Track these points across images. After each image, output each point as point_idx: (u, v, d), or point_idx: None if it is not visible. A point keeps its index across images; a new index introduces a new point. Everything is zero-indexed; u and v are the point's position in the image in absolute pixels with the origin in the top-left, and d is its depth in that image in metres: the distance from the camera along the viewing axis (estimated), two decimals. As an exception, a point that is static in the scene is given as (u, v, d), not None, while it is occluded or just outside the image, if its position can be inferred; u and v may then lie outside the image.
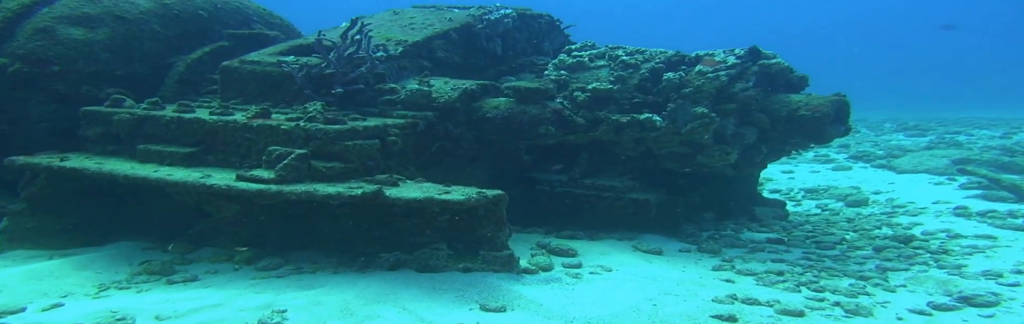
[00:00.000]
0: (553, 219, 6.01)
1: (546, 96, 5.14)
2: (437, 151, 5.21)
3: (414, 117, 5.02)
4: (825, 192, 9.06)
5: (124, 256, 4.77)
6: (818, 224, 6.88)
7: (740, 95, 5.31)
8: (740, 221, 6.80)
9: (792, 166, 11.65)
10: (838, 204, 8.30)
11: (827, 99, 5.36)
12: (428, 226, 4.29)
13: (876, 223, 6.95)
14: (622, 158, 6.00)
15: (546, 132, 5.08)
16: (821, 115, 5.24)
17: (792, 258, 5.36)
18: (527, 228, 5.88)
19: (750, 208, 7.00)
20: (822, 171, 11.15)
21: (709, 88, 5.35)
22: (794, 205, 8.37)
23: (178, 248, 4.86)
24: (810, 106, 5.33)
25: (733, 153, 5.41)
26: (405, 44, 5.71)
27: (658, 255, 5.25)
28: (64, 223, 4.97)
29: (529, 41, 7.06)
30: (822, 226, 6.75)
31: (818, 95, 5.49)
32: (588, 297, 4.04)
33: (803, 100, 5.41)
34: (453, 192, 4.03)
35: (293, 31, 7.38)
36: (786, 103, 5.44)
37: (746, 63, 5.45)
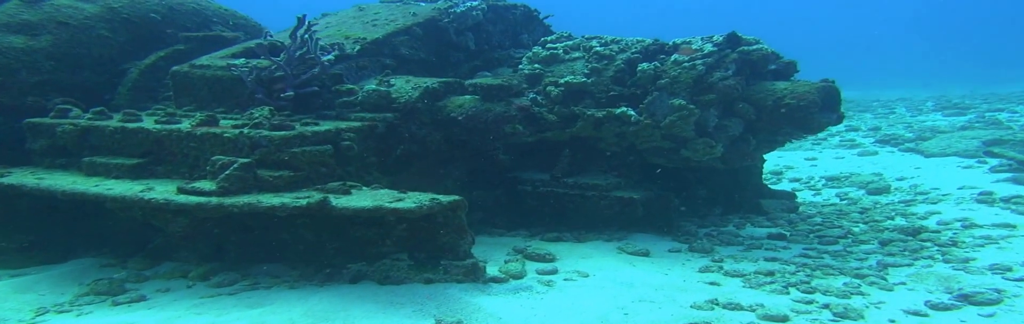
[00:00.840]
0: (539, 220, 5.88)
1: (510, 93, 4.98)
2: (403, 155, 5.06)
3: (372, 119, 4.87)
4: (846, 180, 8.86)
5: (78, 275, 4.65)
6: (829, 216, 6.69)
7: (719, 85, 5.13)
8: (746, 215, 6.65)
9: (816, 152, 11.40)
10: (859, 192, 8.13)
11: (813, 86, 5.17)
12: (388, 236, 4.15)
13: (890, 213, 6.77)
14: (607, 154, 5.83)
15: (513, 131, 4.93)
16: (807, 103, 5.06)
17: (788, 256, 5.19)
18: (512, 231, 5.75)
19: (756, 201, 6.84)
20: (847, 157, 10.87)
21: (686, 78, 5.17)
22: (813, 194, 8.20)
23: (136, 264, 4.75)
24: (796, 94, 5.14)
25: (718, 146, 5.24)
26: (364, 42, 5.56)
27: (644, 257, 5.09)
28: (19, 241, 4.86)
29: (505, 33, 6.89)
30: (832, 218, 6.57)
31: (805, 82, 5.31)
32: (555, 307, 3.89)
33: (788, 88, 5.23)
34: (407, 199, 3.88)
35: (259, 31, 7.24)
36: (771, 91, 5.26)
37: (724, 50, 5.26)
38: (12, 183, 4.49)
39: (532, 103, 5.50)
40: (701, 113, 5.16)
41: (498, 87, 4.90)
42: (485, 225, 5.84)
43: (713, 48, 5.24)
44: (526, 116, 5.03)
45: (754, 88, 5.35)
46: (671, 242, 5.55)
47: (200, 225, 4.25)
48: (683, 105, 5.11)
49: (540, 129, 5.50)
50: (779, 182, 9.25)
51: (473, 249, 5.06)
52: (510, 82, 4.96)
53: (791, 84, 5.27)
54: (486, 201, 5.84)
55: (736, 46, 5.33)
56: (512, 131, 4.93)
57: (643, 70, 5.32)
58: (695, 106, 5.12)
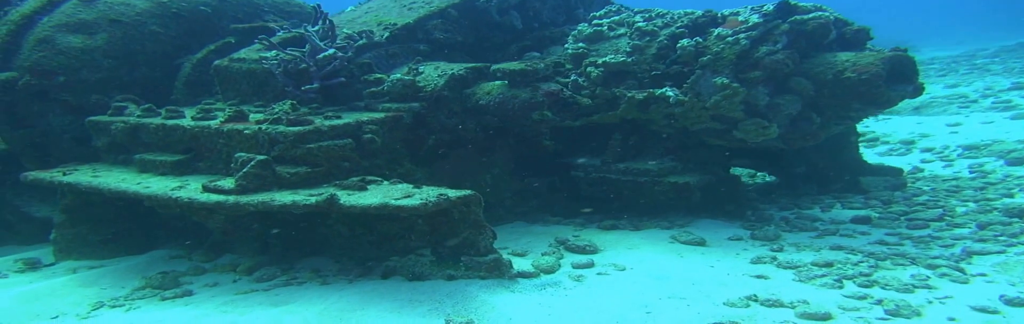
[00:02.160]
0: (597, 207, 5.69)
1: (536, 77, 4.74)
2: (435, 145, 4.94)
3: (397, 110, 4.76)
4: (986, 148, 8.10)
5: (145, 267, 4.85)
6: (937, 194, 6.16)
7: (766, 60, 4.71)
8: (841, 194, 6.25)
9: (961, 117, 10.47)
10: (998, 163, 7.44)
11: (879, 56, 4.67)
12: (411, 230, 4.08)
13: (1014, 189, 6.13)
14: (663, 136, 5.53)
15: (541, 118, 4.70)
16: (870, 76, 4.57)
17: (863, 243, 4.77)
18: (568, 219, 5.58)
19: (855, 179, 6.40)
20: (997, 121, 9.83)
21: (728, 55, 4.77)
22: (944, 166, 7.62)
23: (199, 256, 4.90)
24: (858, 66, 4.66)
25: (771, 126, 4.84)
26: (393, 28, 5.42)
27: (698, 246, 4.80)
28: (103, 233, 5.11)
29: (558, 9, 6.59)
30: (940, 196, 6.05)
31: (871, 52, 4.81)
32: (574, 306, 3.70)
33: (851, 59, 4.74)
34: (417, 195, 3.77)
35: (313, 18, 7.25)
36: (831, 64, 4.78)
37: (772, 21, 4.81)
38: (69, 181, 4.68)
39: (571, 86, 5.26)
40: (748, 91, 4.76)
41: (520, 72, 4.67)
42: (542, 213, 5.70)
43: (759, 19, 4.81)
44: (556, 101, 4.80)
45: (813, 61, 4.89)
46: (737, 228, 5.23)
47: (238, 221, 4.30)
48: (726, 84, 4.73)
49: (578, 114, 5.26)
50: (909, 152, 8.63)
51: (520, 240, 4.98)
52: (535, 66, 4.71)
53: (855, 55, 4.77)
54: (540, 188, 5.69)
55: (788, 15, 4.87)
56: (540, 118, 4.71)
57: (683, 47, 4.95)
58: (739, 84, 4.73)
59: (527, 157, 5.52)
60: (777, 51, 4.74)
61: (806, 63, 4.88)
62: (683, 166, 5.39)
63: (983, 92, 12.90)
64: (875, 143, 9.58)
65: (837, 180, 6.46)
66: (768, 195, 6.48)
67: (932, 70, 19.10)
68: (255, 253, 4.68)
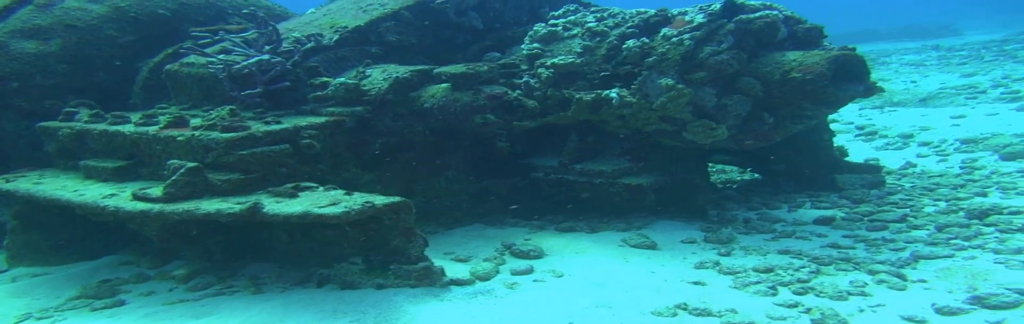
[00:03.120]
0: (554, 209, 5.72)
1: (479, 80, 4.75)
2: (383, 148, 4.97)
3: (341, 114, 4.80)
4: (983, 142, 8.03)
5: (88, 275, 4.85)
6: (913, 192, 6.12)
7: (710, 60, 4.68)
8: (816, 193, 6.25)
9: (967, 109, 10.38)
10: (992, 157, 7.38)
11: (825, 55, 4.62)
12: (344, 238, 4.12)
13: (991, 186, 6.09)
14: (621, 137, 5.54)
15: (484, 121, 4.72)
16: (815, 76, 4.54)
17: (816, 245, 4.74)
18: (527, 220, 5.59)
19: (830, 176, 6.40)
20: (1003, 113, 9.74)
21: (673, 55, 4.75)
22: (938, 161, 7.57)
23: (147, 263, 4.95)
24: (803, 66, 4.62)
25: (720, 128, 4.82)
26: (343, 31, 5.44)
27: (648, 250, 4.78)
28: (54, 239, 5.16)
29: (521, 9, 6.58)
30: (915, 195, 6.01)
31: (819, 51, 4.76)
32: (500, 316, 3.69)
33: (798, 59, 4.70)
34: (342, 203, 3.80)
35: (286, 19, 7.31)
36: (779, 64, 4.75)
37: (717, 21, 4.78)
38: (9, 189, 4.77)
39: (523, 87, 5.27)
40: (694, 92, 4.75)
41: (462, 75, 4.68)
42: (503, 214, 5.73)
43: (703, 19, 4.78)
44: (500, 104, 4.81)
45: (761, 61, 4.85)
46: (694, 230, 5.21)
47: (175, 228, 4.36)
48: (671, 85, 4.71)
49: (533, 115, 5.27)
50: (906, 146, 8.58)
51: (469, 244, 4.99)
52: (477, 69, 4.72)
53: (802, 55, 4.74)
54: (501, 189, 5.71)
55: (735, 15, 4.83)
56: (483, 121, 4.72)
57: (628, 48, 4.93)
58: (685, 85, 4.72)
59: (486, 159, 5.54)
60: (722, 51, 4.71)
61: (755, 63, 4.85)
62: (640, 167, 5.38)
63: (999, 81, 12.77)
64: (873, 137, 9.51)
65: (814, 178, 6.46)
66: (748, 193, 6.48)
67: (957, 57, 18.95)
68: (201, 259, 4.74)
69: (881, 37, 31.02)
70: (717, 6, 4.85)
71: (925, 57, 19.64)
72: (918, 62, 18.45)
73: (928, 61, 18.55)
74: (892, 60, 19.83)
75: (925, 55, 20.31)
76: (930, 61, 18.52)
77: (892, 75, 16.48)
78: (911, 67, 17.84)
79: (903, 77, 15.74)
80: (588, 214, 5.60)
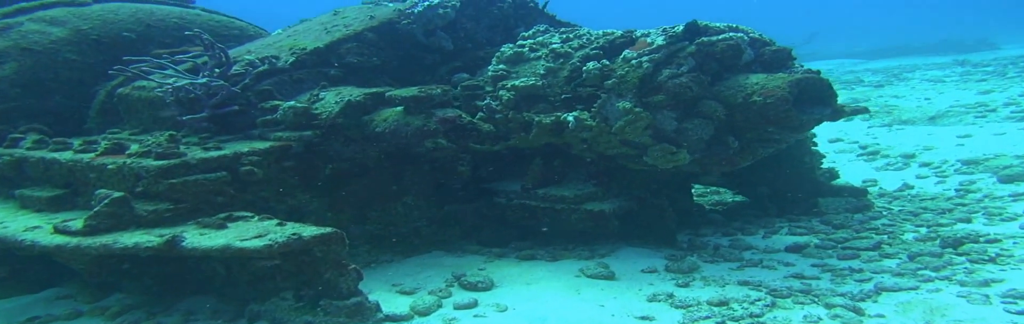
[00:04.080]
0: (522, 235, 5.57)
1: (431, 103, 4.64)
2: (334, 174, 4.87)
3: (289, 139, 4.71)
4: (985, 163, 7.81)
5: (20, 311, 4.70)
6: (896, 217, 5.93)
7: (668, 83, 4.54)
8: (796, 217, 6.10)
9: (976, 128, 10.18)
10: (991, 180, 7.17)
11: (787, 79, 4.47)
12: (277, 271, 3.99)
13: (978, 211, 5.89)
14: (587, 161, 5.41)
15: (435, 146, 4.60)
16: (776, 100, 4.38)
17: (779, 276, 4.56)
18: (488, 248, 5.43)
19: (813, 200, 6.26)
20: (1010, 133, 9.52)
21: (632, 78, 4.62)
22: (936, 183, 7.38)
23: (85, 296, 4.83)
24: (765, 90, 4.47)
25: (680, 152, 4.66)
26: (301, 53, 5.37)
27: (604, 280, 4.60)
28: None
29: (494, 29, 6.48)
30: (898, 220, 5.83)
31: (783, 74, 4.60)
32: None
33: (760, 82, 4.55)
34: (269, 234, 3.67)
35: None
36: (742, 87, 4.60)
37: (678, 43, 4.65)
38: (-68, 220, 4.67)
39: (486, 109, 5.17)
40: (653, 116, 4.61)
41: (413, 98, 4.57)
42: (467, 240, 5.59)
43: (663, 41, 4.65)
44: (453, 128, 4.69)
45: (724, 84, 4.71)
46: (659, 258, 5.04)
47: (104, 262, 4.25)
48: (629, 108, 4.57)
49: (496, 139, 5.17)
50: (906, 167, 8.41)
51: (420, 274, 4.85)
52: (429, 92, 4.61)
53: (765, 78, 4.58)
54: (465, 215, 5.58)
55: (696, 37, 4.70)
56: (434, 146, 4.60)
57: (588, 70, 4.81)
58: (643, 109, 4.58)
59: (447, 183, 5.41)
60: (681, 74, 4.57)
61: (718, 86, 4.70)
62: (605, 192, 5.24)
63: (1013, 99, 12.54)
64: (875, 157, 9.34)
65: (796, 202, 6.30)
66: (734, 216, 6.33)
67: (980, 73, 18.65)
68: (139, 293, 4.63)
69: (913, 52, 30.54)
70: (679, 28, 4.73)
71: (948, 73, 19.32)
72: (939, 78, 18.14)
73: (949, 77, 18.24)
74: (914, 76, 19.52)
75: (949, 71, 19.98)
76: (952, 77, 18.21)
77: (908, 92, 16.23)
78: (930, 83, 17.57)
79: (918, 93, 15.49)
80: (556, 240, 5.45)
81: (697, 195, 7.64)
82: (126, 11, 6.36)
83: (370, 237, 5.07)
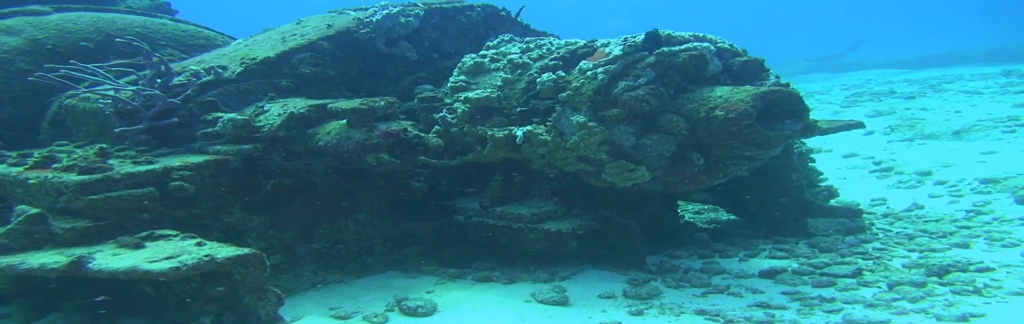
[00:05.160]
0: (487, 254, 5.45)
1: (374, 116, 4.55)
2: (276, 190, 4.80)
3: (226, 153, 4.65)
4: (1004, 182, 7.55)
5: None
6: (890, 240, 5.72)
7: (624, 96, 4.42)
8: (785, 239, 5.94)
9: (1003, 144, 9.91)
10: (1007, 200, 6.92)
11: (752, 92, 4.33)
12: (200, 294, 3.91)
13: (980, 235, 5.65)
14: (551, 177, 5.30)
15: (377, 161, 4.51)
16: (738, 114, 4.24)
17: (742, 305, 4.39)
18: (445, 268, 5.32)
19: (801, 221, 6.07)
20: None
21: (586, 90, 4.51)
22: (949, 202, 7.15)
23: (21, 316, 4.81)
24: (728, 103, 4.34)
25: (639, 169, 4.53)
26: (251, 63, 5.33)
27: (555, 307, 4.44)
28: None
29: (463, 38, 6.41)
30: (891, 243, 5.62)
31: (749, 87, 4.47)
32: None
33: (724, 95, 4.42)
34: (182, 255, 3.60)
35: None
36: (705, 101, 4.46)
37: (636, 54, 4.53)
38: None
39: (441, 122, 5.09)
40: (609, 131, 4.49)
41: (354, 111, 4.48)
42: (427, 260, 5.48)
43: (620, 51, 4.54)
44: (397, 142, 4.60)
45: (687, 97, 4.58)
46: (621, 283, 4.88)
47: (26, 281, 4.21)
48: (582, 123, 4.46)
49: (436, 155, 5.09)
50: (920, 185, 8.19)
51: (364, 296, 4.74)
52: (372, 104, 4.52)
53: (730, 91, 4.44)
54: (424, 233, 5.49)
55: (657, 47, 4.59)
56: (376, 161, 4.51)
57: (542, 82, 4.72)
58: (597, 124, 4.46)
59: (404, 200, 5.33)
60: (638, 86, 4.45)
61: (681, 99, 4.58)
62: (567, 211, 5.12)
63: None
64: (888, 174, 9.12)
65: (784, 222, 6.13)
66: (721, 236, 6.17)
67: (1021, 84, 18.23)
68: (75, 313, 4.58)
69: (963, 61, 29.52)
70: (640, 38, 4.61)
71: (989, 84, 18.85)
72: (976, 90, 17.74)
73: (988, 89, 17.79)
74: (952, 87, 19.04)
75: (990, 82, 19.53)
76: (991, 89, 17.76)
77: (939, 104, 15.88)
78: (965, 95, 17.18)
79: (950, 106, 15.14)
80: (520, 261, 5.33)
81: (694, 212, 7.50)
82: (86, 20, 6.39)
83: (317, 256, 4.98)
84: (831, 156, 10.98)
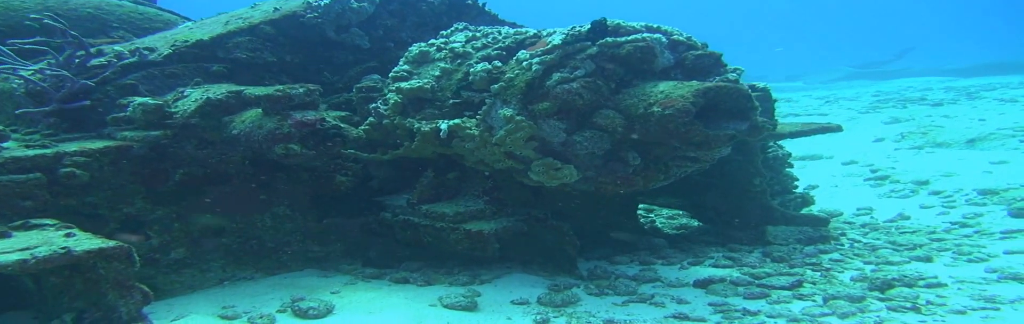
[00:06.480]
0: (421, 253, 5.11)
1: (289, 104, 4.21)
2: (186, 180, 4.49)
3: (132, 139, 4.34)
4: (1002, 194, 7.17)
5: None
6: (849, 252, 5.34)
7: (556, 90, 4.03)
8: (740, 246, 5.57)
9: (1018, 154, 9.44)
10: (1000, 213, 6.52)
11: (695, 87, 3.92)
12: (67, 289, 3.60)
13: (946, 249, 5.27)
14: (486, 174, 4.93)
15: (286, 152, 4.16)
16: (675, 111, 3.83)
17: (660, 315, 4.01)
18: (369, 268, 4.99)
19: (761, 228, 5.70)
20: None
21: (519, 82, 4.13)
22: (939, 214, 6.77)
23: None
24: (668, 99, 3.93)
25: (566, 168, 4.14)
26: (181, 46, 5.01)
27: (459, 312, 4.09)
28: None
29: (422, 27, 6.05)
30: (850, 255, 5.24)
31: (695, 83, 4.05)
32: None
33: (666, 91, 4.01)
34: (39, 247, 3.29)
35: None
36: (645, 96, 4.06)
37: (576, 43, 4.13)
38: None
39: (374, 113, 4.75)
40: (538, 126, 4.10)
41: (267, 98, 4.15)
42: (353, 258, 5.15)
43: (560, 41, 4.14)
44: (313, 133, 4.25)
45: (630, 92, 4.17)
46: (543, 288, 4.51)
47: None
48: (510, 116, 4.08)
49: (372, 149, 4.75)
50: (913, 195, 7.82)
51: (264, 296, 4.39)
52: (288, 92, 4.19)
53: (674, 86, 4.04)
54: (351, 230, 5.15)
55: (599, 37, 4.19)
56: (285, 152, 4.17)
57: (475, 72, 4.34)
58: (525, 118, 4.08)
59: (331, 195, 4.99)
60: (573, 79, 4.05)
61: (622, 94, 4.18)
62: (496, 210, 4.75)
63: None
64: (882, 182, 8.70)
65: (744, 229, 5.74)
66: (679, 242, 5.80)
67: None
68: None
69: (1014, 70, 28.12)
70: (585, 27, 4.22)
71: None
72: (1013, 98, 17.00)
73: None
74: (990, 95, 18.29)
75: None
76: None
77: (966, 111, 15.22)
78: (999, 103, 16.47)
79: (976, 114, 14.52)
80: (451, 262, 4.98)
81: (668, 217, 7.11)
82: None
83: (227, 252, 4.66)
84: (830, 163, 10.51)
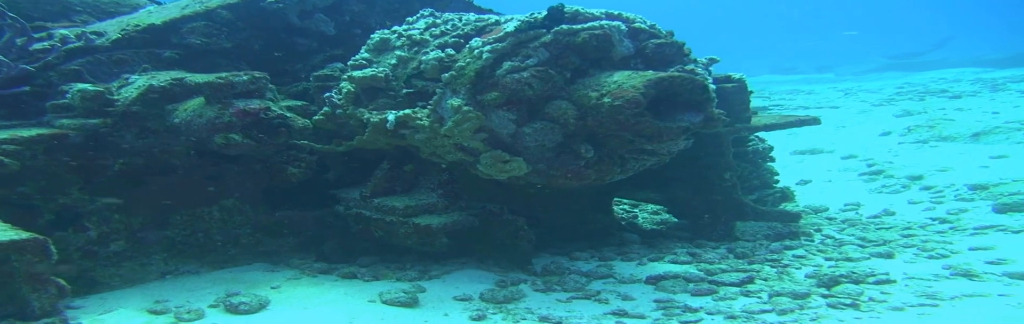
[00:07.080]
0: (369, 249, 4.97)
1: (231, 92, 4.04)
2: (126, 170, 4.34)
3: (69, 127, 4.19)
4: (992, 189, 7.00)
5: None
6: (814, 248, 5.20)
7: (505, 79, 3.84)
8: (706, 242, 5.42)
9: (1020, 148, 9.29)
10: (986, 209, 6.38)
11: (648, 77, 3.72)
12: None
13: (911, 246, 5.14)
14: (442, 167, 4.77)
15: (227, 142, 4.00)
16: (624, 102, 3.64)
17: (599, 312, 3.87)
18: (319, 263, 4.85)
19: (730, 224, 5.53)
20: None
21: (469, 71, 3.94)
22: (925, 209, 6.65)
23: None
24: (620, 89, 3.73)
25: (514, 161, 3.96)
26: (131, 31, 4.84)
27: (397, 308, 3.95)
28: None
29: (395, 13, 5.87)
30: (813, 252, 5.10)
31: (650, 72, 3.85)
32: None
33: (619, 80, 3.82)
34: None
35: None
36: (599, 86, 3.87)
37: (531, 31, 3.93)
38: None
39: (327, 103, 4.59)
40: (488, 116, 3.92)
41: (208, 85, 3.98)
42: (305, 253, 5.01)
43: (513, 28, 3.95)
44: (255, 122, 4.09)
45: (584, 82, 3.98)
46: (491, 284, 4.37)
47: None
48: (457, 107, 3.90)
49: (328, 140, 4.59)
50: (904, 190, 7.66)
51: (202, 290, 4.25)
52: (231, 79, 4.02)
53: (628, 76, 3.84)
54: (304, 223, 5.01)
55: (557, 24, 3.98)
56: (225, 142, 4.01)
57: (427, 61, 4.16)
58: (472, 108, 3.89)
59: (283, 187, 4.84)
60: (524, 68, 3.86)
61: (577, 84, 3.99)
62: (449, 204, 4.59)
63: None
64: (876, 177, 8.50)
65: (713, 224, 5.58)
66: (654, 238, 5.64)
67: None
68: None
69: None
70: (542, 14, 4.02)
71: (1061, 86, 17.74)
72: (1038, 91, 16.66)
73: (1052, 90, 16.73)
74: (1016, 87, 17.82)
75: (1064, 82, 18.38)
76: (1055, 91, 16.71)
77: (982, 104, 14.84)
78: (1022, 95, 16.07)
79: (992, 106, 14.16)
80: (407, 257, 4.83)
81: (651, 212, 6.93)
82: (-6, -20, 5.98)
83: (170, 244, 4.52)
84: (830, 157, 10.28)
